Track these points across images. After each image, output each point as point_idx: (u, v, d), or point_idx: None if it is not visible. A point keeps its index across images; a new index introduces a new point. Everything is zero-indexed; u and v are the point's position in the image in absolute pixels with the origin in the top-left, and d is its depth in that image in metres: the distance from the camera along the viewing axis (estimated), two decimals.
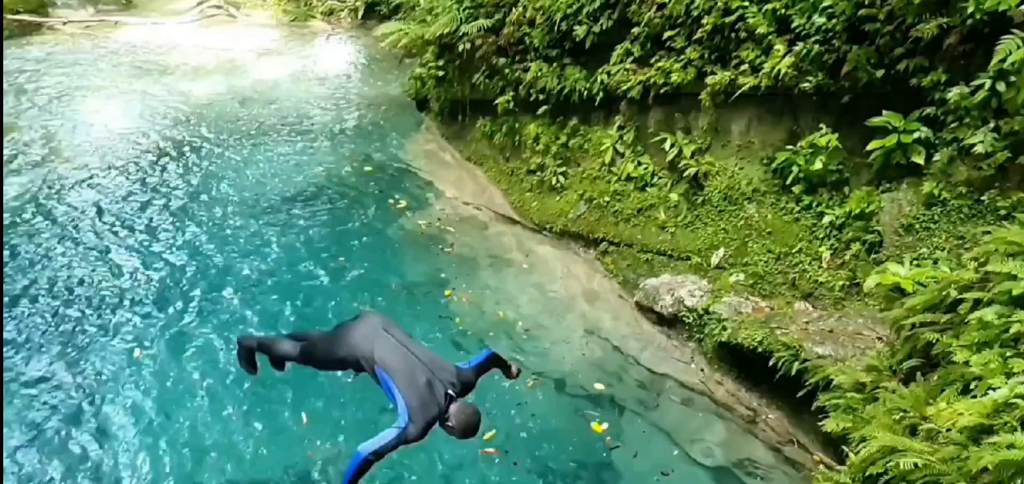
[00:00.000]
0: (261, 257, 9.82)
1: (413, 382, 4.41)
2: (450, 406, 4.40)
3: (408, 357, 4.63)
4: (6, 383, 7.25)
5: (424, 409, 4.34)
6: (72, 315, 8.39)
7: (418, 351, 4.73)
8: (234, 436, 6.75)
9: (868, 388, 5.07)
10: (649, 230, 9.30)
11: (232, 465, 6.45)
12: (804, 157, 7.64)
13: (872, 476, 4.01)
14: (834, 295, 7.27)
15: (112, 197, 11.19)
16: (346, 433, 6.81)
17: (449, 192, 11.86)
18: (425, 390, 4.38)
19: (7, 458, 6.38)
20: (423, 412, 4.34)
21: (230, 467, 6.43)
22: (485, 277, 9.66)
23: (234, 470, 6.40)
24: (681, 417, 7.42)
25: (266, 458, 6.53)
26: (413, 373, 4.47)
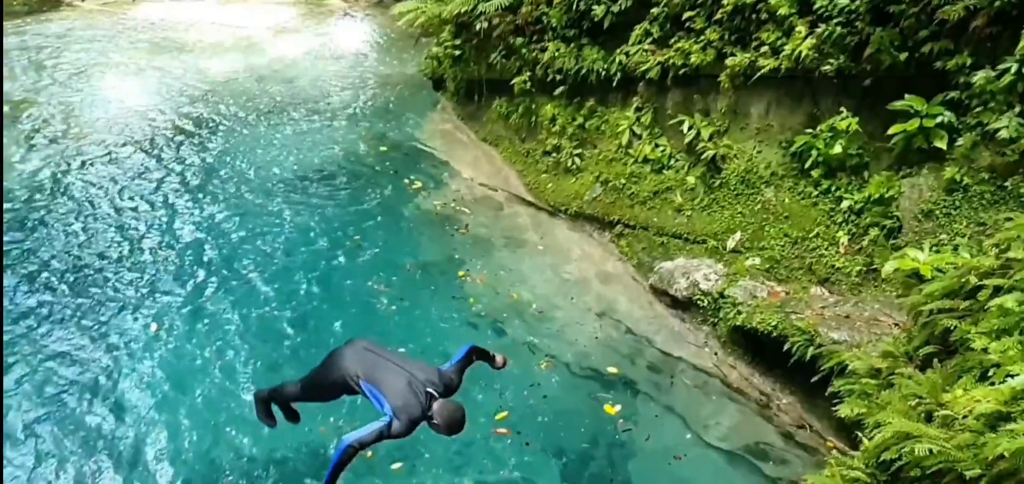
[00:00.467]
0: (277, 234, 9.88)
1: (395, 386, 4.64)
2: (433, 405, 4.59)
3: (390, 366, 4.85)
4: (26, 356, 7.37)
5: (407, 409, 4.55)
6: (91, 290, 8.50)
7: (399, 361, 4.97)
8: (250, 411, 6.81)
9: (884, 374, 5.03)
10: (665, 213, 9.25)
11: (249, 439, 6.52)
12: (823, 141, 7.55)
13: (886, 462, 3.99)
14: (851, 280, 7.21)
15: (130, 173, 11.28)
16: (357, 412, 6.85)
17: (464, 173, 11.85)
18: (407, 392, 4.60)
19: (25, 430, 6.48)
20: (406, 411, 4.55)
21: (246, 441, 6.50)
22: (499, 258, 9.66)
23: (250, 445, 6.48)
24: (694, 401, 7.41)
25: (281, 434, 6.58)
26: (395, 379, 4.70)
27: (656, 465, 6.63)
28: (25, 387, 6.97)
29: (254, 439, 6.51)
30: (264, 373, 7.26)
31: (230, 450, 6.36)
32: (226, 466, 6.23)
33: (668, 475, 6.52)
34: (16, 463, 6.18)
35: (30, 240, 9.39)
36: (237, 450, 6.34)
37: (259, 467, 6.18)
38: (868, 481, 4.07)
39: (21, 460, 6.21)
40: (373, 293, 8.74)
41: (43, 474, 6.10)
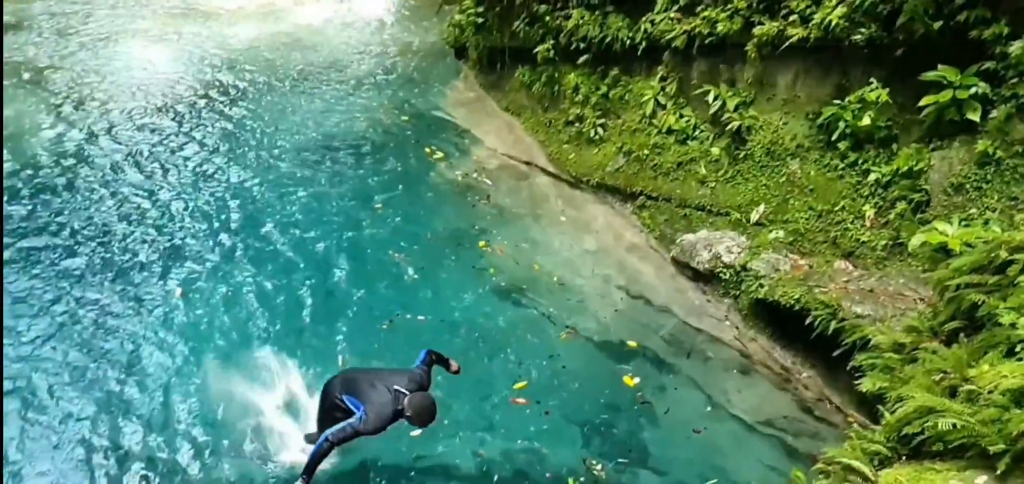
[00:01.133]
0: (300, 202, 9.94)
1: (368, 393, 5.24)
2: (403, 400, 5.12)
3: (365, 378, 5.45)
4: (55, 317, 7.53)
5: (377, 407, 5.14)
6: (117, 253, 8.62)
7: (375, 373, 5.58)
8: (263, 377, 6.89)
9: (907, 349, 4.97)
10: (688, 184, 9.15)
11: (262, 403, 6.55)
12: (852, 112, 7.40)
13: (908, 436, 3.95)
14: (876, 254, 7.10)
15: (156, 139, 11.38)
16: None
17: (486, 142, 11.81)
18: (378, 395, 5.19)
19: (45, 393, 6.61)
20: (376, 409, 5.14)
21: (260, 405, 6.50)
22: (520, 229, 9.64)
23: (262, 410, 6.49)
24: (714, 374, 7.39)
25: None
26: (368, 387, 5.29)
27: (676, 438, 6.63)
28: (50, 348, 7.12)
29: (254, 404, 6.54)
30: (284, 339, 7.34)
31: (239, 420, 6.42)
32: (239, 430, 6.31)
33: (687, 448, 6.52)
34: (41, 423, 6.32)
35: (57, 204, 9.53)
36: (250, 414, 6.41)
37: (272, 434, 6.27)
38: (889, 455, 4.03)
39: (47, 420, 6.35)
40: (394, 262, 8.78)
41: (66, 434, 6.24)
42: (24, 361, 6.91)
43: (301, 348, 7.22)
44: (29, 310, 7.58)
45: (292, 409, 6.42)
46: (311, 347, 7.25)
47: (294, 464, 5.79)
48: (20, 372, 6.78)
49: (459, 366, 6.12)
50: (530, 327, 7.92)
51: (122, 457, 6.05)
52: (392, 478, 5.98)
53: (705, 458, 6.34)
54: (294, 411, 6.40)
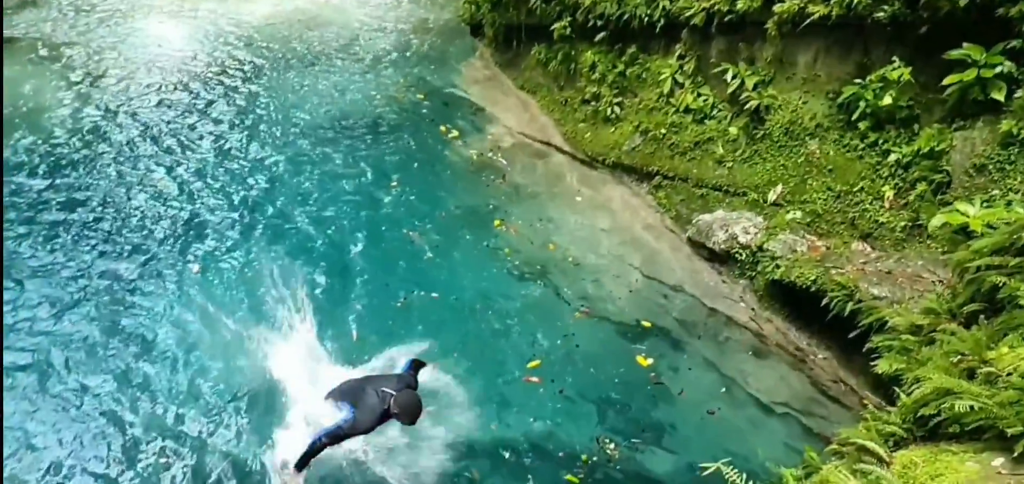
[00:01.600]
0: (316, 180, 9.98)
1: (358, 396, 5.65)
2: (391, 400, 5.49)
3: (357, 384, 5.83)
4: (71, 293, 7.64)
5: (366, 408, 5.54)
6: (134, 229, 8.72)
7: (363, 379, 5.95)
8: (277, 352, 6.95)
9: (925, 331, 4.92)
10: (705, 164, 9.07)
11: (265, 379, 6.63)
12: (873, 91, 7.27)
13: (924, 417, 3.91)
14: (895, 236, 7.00)
15: (173, 116, 11.46)
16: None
17: (501, 121, 11.77)
18: (367, 397, 5.58)
19: (62, 366, 6.71)
20: (365, 410, 5.54)
21: (265, 381, 6.60)
22: (535, 208, 9.62)
23: (267, 383, 6.59)
24: (729, 355, 7.36)
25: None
26: (359, 391, 5.71)
27: (689, 418, 6.63)
28: (69, 321, 7.23)
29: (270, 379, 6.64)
30: (299, 315, 7.37)
31: (258, 390, 6.51)
32: (253, 406, 6.39)
33: (701, 428, 6.52)
34: (54, 392, 6.45)
35: (74, 179, 9.63)
36: (264, 390, 6.49)
37: (285, 410, 6.33)
38: (904, 436, 4.00)
39: (64, 391, 6.47)
40: (409, 240, 8.81)
41: (84, 406, 6.35)
42: (44, 335, 7.03)
43: (316, 324, 7.27)
44: (48, 284, 7.70)
45: (305, 383, 6.47)
46: (326, 323, 7.30)
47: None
48: (39, 345, 6.89)
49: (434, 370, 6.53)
50: (544, 306, 7.93)
51: (138, 430, 6.16)
52: (409, 453, 6.03)
53: (719, 438, 6.34)
54: (307, 385, 6.44)
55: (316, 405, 6.14)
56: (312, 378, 6.51)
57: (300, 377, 6.52)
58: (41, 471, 5.76)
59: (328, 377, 6.43)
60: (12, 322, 7.14)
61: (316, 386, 6.41)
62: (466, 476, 5.93)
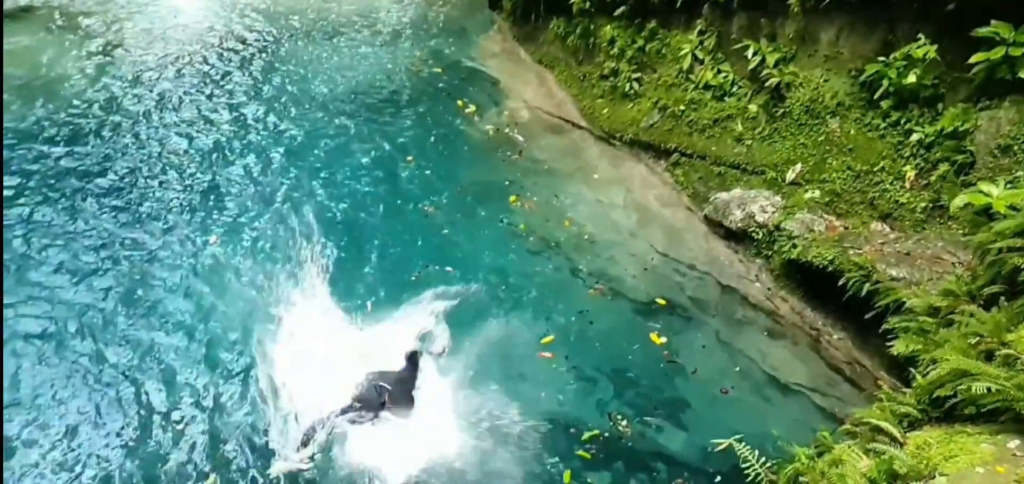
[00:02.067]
0: (333, 153, 10.00)
1: (358, 387, 6.16)
2: (385, 394, 6.02)
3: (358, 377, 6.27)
4: (82, 270, 7.73)
5: (363, 400, 6.07)
6: (153, 199, 8.79)
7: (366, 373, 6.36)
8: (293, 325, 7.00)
9: (943, 313, 4.87)
10: (724, 142, 8.98)
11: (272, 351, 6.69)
12: (896, 69, 7.14)
13: (939, 398, 3.88)
14: (915, 217, 6.91)
15: (191, 87, 11.49)
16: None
17: (518, 96, 11.70)
18: (367, 391, 6.10)
19: (79, 334, 6.80)
20: (362, 401, 6.07)
21: (272, 354, 6.65)
22: (551, 184, 9.59)
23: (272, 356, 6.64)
24: (743, 334, 7.33)
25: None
26: (358, 383, 6.19)
27: (702, 396, 6.62)
28: (84, 291, 7.33)
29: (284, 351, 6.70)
30: (315, 287, 7.44)
31: (272, 363, 6.55)
32: (268, 379, 6.42)
33: (714, 407, 6.51)
34: (71, 358, 6.55)
35: (90, 148, 9.70)
36: (279, 363, 6.54)
37: (285, 384, 6.38)
38: (919, 417, 3.97)
39: (76, 356, 6.59)
40: (425, 214, 8.82)
41: (96, 373, 6.47)
42: (62, 303, 7.14)
43: (331, 297, 7.33)
44: (67, 251, 7.80)
45: (319, 357, 6.53)
46: (341, 295, 7.35)
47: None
48: (58, 312, 7.01)
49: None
50: (559, 282, 7.93)
51: (153, 397, 6.27)
52: (423, 428, 6.09)
53: (731, 417, 6.31)
54: (320, 359, 6.51)
55: (326, 381, 6.21)
56: (326, 350, 6.59)
57: (314, 349, 6.59)
58: (57, 435, 5.86)
59: (342, 349, 6.50)
60: (32, 288, 7.25)
61: (329, 358, 6.49)
62: (479, 449, 5.97)
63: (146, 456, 5.76)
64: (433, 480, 5.68)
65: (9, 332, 6.72)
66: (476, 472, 5.77)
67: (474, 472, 5.76)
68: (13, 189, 8.67)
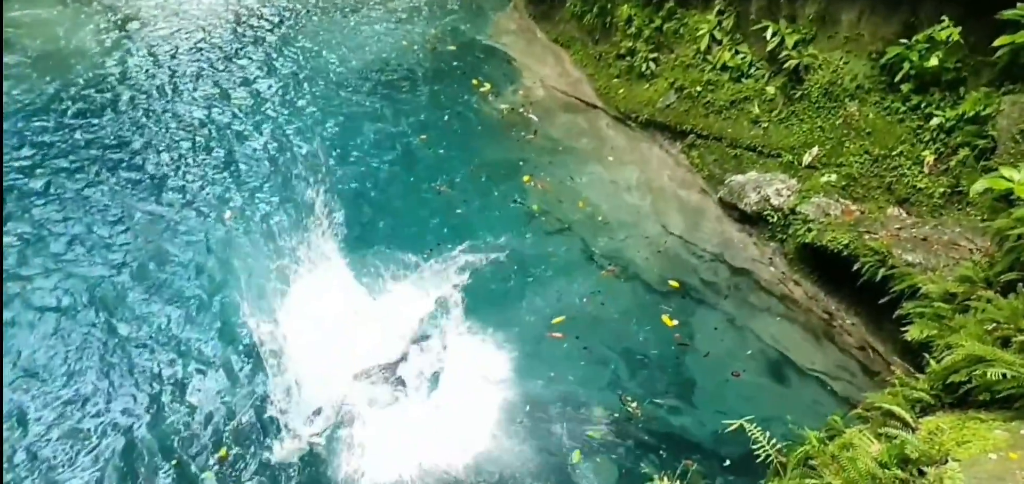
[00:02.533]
0: (347, 131, 10.01)
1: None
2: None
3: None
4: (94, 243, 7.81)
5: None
6: (170, 172, 8.86)
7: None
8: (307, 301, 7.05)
9: (959, 299, 4.81)
10: (741, 124, 8.89)
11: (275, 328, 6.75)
12: (918, 52, 7.03)
13: (953, 384, 3.84)
14: (932, 202, 6.82)
15: (208, 62, 11.52)
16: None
17: (533, 75, 11.64)
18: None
19: (90, 309, 6.88)
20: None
21: (275, 331, 6.71)
22: (564, 165, 9.55)
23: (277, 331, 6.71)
24: (756, 318, 7.29)
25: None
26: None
27: (714, 379, 6.60)
28: (97, 262, 7.43)
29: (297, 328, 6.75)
30: (329, 263, 7.49)
31: (287, 340, 6.62)
32: (283, 355, 6.50)
33: (725, 389, 6.50)
34: (83, 329, 6.65)
35: (114, 119, 9.77)
36: (293, 340, 6.59)
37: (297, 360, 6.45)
38: (932, 402, 3.94)
39: (88, 328, 6.68)
40: (437, 192, 8.82)
41: (105, 342, 6.57)
42: (75, 276, 7.23)
43: (345, 269, 7.36)
44: (82, 227, 7.87)
45: (332, 329, 6.58)
46: (354, 268, 7.38)
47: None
48: (71, 285, 7.10)
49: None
50: (571, 263, 7.92)
51: (165, 369, 6.36)
52: (431, 408, 6.14)
53: (742, 400, 6.32)
54: (333, 331, 6.56)
55: (339, 352, 6.26)
56: (339, 321, 6.64)
57: (327, 321, 6.64)
58: (72, 407, 5.96)
59: (356, 320, 6.55)
60: (49, 260, 7.35)
61: (342, 330, 6.54)
62: (489, 428, 6.00)
63: (161, 428, 5.85)
64: (443, 458, 5.71)
65: (25, 304, 6.81)
66: (486, 451, 5.80)
67: (484, 451, 5.79)
68: (29, 161, 8.75)
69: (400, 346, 6.55)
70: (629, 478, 5.62)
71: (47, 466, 5.47)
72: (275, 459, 5.66)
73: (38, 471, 5.44)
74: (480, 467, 5.69)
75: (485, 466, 5.70)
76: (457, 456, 5.73)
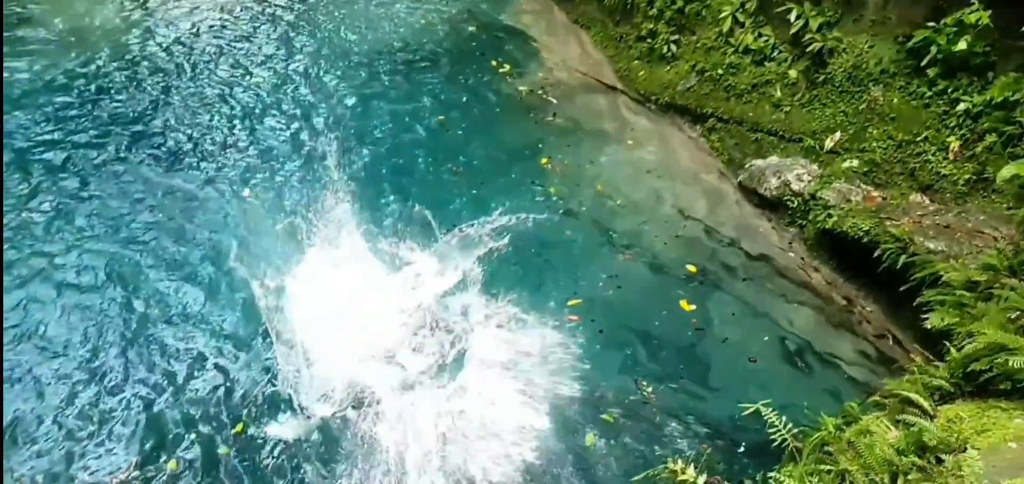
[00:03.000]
0: (363, 112, 10.00)
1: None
2: None
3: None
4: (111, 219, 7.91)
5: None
6: (190, 149, 8.93)
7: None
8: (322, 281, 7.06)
9: (982, 287, 4.75)
10: (762, 108, 8.80)
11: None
12: (946, 36, 6.90)
13: (974, 372, 3.80)
14: (957, 189, 6.72)
15: (225, 40, 11.55)
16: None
17: (553, 57, 11.57)
18: None
19: (109, 284, 6.97)
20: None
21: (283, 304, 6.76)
22: (583, 148, 9.50)
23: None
24: (774, 303, 7.23)
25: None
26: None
27: (730, 365, 6.56)
28: (116, 238, 7.51)
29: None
30: (343, 245, 7.50)
31: (303, 322, 6.62)
32: (300, 334, 6.50)
33: (742, 376, 6.45)
34: (98, 304, 6.73)
35: (135, 95, 9.85)
36: (308, 322, 6.59)
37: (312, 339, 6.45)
38: (951, 390, 3.90)
39: (108, 299, 6.78)
40: (454, 175, 8.82)
41: (125, 318, 6.66)
42: (94, 252, 7.32)
43: (362, 253, 7.39)
44: (101, 204, 7.96)
45: (349, 311, 6.62)
46: (372, 253, 7.41)
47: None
48: (93, 262, 7.18)
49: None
50: (588, 246, 7.89)
51: (180, 344, 6.43)
52: (444, 391, 6.17)
53: (759, 386, 6.26)
54: (351, 312, 6.60)
55: (354, 329, 6.29)
56: (354, 304, 6.68)
57: (342, 302, 6.69)
58: (91, 382, 6.04)
59: (372, 304, 6.58)
60: (69, 236, 7.44)
61: (359, 313, 6.58)
62: (503, 409, 6.01)
63: (179, 402, 5.92)
64: (456, 438, 5.75)
65: (47, 278, 6.91)
66: (498, 432, 5.82)
67: (496, 432, 5.82)
68: (49, 136, 8.84)
69: (417, 324, 6.57)
70: (643, 462, 5.61)
71: (66, 436, 5.57)
72: (291, 436, 5.71)
73: (56, 441, 5.53)
74: (498, 453, 5.68)
75: (505, 449, 5.70)
76: (468, 435, 5.75)
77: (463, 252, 7.50)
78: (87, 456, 5.47)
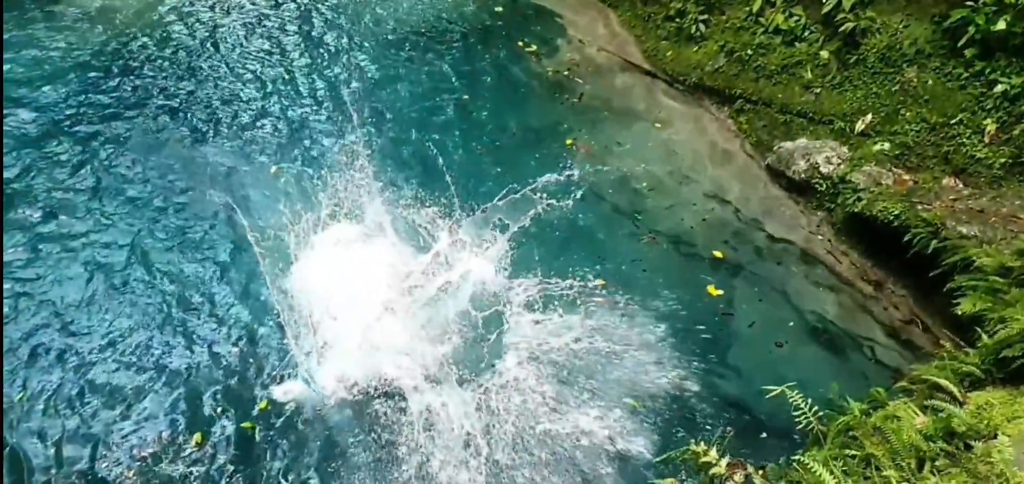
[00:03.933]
0: (390, 91, 10.01)
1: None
2: None
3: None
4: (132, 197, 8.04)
5: None
6: (218, 129, 9.01)
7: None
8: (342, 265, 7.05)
9: (1015, 273, 4.66)
10: (792, 89, 8.67)
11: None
12: (985, 15, 6.74)
13: (1006, 359, 3.75)
14: (992, 173, 6.58)
15: (250, 20, 11.57)
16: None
17: (579, 36, 11.48)
18: None
19: (132, 258, 7.07)
20: None
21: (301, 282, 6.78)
22: (609, 129, 9.46)
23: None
24: (801, 288, 7.18)
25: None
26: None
27: (756, 350, 6.54)
28: (141, 216, 7.61)
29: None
30: (363, 227, 7.55)
31: (321, 304, 6.65)
32: (321, 315, 6.56)
33: (769, 361, 6.43)
34: (117, 281, 6.83)
35: (154, 76, 9.93)
36: (325, 306, 6.64)
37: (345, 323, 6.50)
38: (982, 377, 3.85)
39: (124, 278, 6.88)
40: (479, 155, 8.82)
41: (148, 295, 6.76)
42: (119, 229, 7.44)
43: (387, 229, 7.44)
44: (125, 182, 8.07)
45: (376, 289, 6.68)
46: (396, 230, 7.46)
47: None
48: (119, 239, 7.30)
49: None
50: (614, 229, 7.88)
51: (208, 326, 6.52)
52: (470, 368, 6.24)
53: (786, 370, 6.21)
54: (377, 290, 6.67)
55: (385, 313, 6.37)
56: (381, 282, 6.73)
57: (369, 280, 6.75)
58: (110, 361, 6.13)
59: (398, 281, 6.63)
60: (97, 216, 7.54)
61: (386, 291, 6.64)
62: (525, 393, 6.06)
63: (205, 378, 6.04)
64: (477, 416, 5.80)
65: (73, 254, 7.03)
66: (518, 418, 5.86)
67: (516, 417, 5.86)
68: (72, 113, 8.98)
69: (438, 303, 6.61)
70: (668, 444, 5.63)
71: (93, 412, 5.69)
72: (313, 414, 5.81)
73: (84, 417, 5.65)
74: (529, 431, 5.73)
75: (536, 431, 5.75)
76: (491, 415, 5.80)
77: (486, 231, 7.53)
78: (113, 432, 5.58)
